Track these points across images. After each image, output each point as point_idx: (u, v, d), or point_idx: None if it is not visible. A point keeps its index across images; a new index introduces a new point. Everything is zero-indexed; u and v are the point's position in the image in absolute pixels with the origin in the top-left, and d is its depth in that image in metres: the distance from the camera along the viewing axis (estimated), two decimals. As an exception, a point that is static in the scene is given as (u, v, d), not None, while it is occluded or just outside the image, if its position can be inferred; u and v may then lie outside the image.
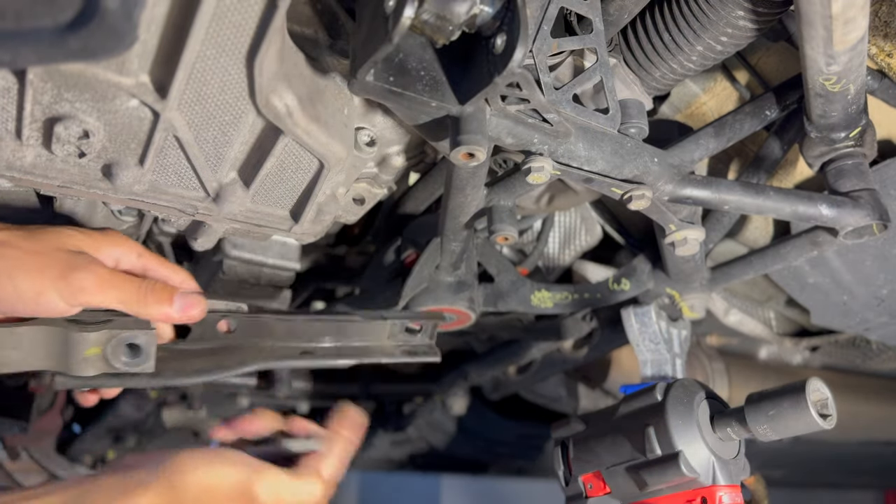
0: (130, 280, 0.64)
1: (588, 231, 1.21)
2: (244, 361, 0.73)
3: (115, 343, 0.63)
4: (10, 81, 0.54)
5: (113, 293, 0.62)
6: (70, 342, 0.62)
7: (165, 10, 0.49)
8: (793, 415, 0.65)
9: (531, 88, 0.57)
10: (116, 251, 0.66)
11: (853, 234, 0.76)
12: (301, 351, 0.77)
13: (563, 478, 0.81)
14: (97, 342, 0.63)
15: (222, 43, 0.52)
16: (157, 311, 0.65)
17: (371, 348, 0.81)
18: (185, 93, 0.55)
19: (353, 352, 0.80)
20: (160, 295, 0.65)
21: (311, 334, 0.78)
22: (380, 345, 0.83)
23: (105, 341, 0.63)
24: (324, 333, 0.79)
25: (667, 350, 0.96)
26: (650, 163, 0.70)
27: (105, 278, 0.62)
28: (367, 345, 0.81)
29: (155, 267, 0.69)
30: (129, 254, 0.67)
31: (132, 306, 0.63)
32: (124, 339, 0.64)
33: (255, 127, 0.61)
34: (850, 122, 0.71)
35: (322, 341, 0.78)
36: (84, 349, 0.62)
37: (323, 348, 0.78)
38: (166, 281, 0.70)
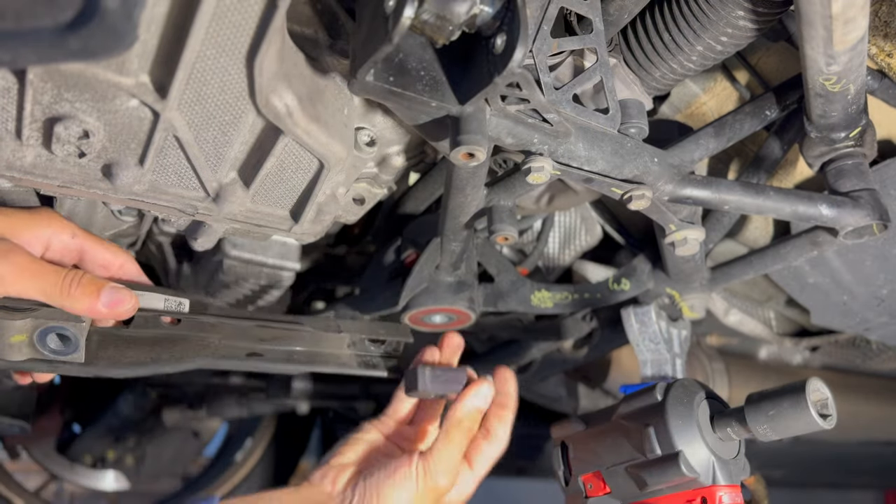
0: (54, 270, 0.60)
1: (588, 231, 1.21)
2: (183, 357, 0.69)
3: (41, 332, 0.61)
4: (10, 81, 0.54)
5: (33, 283, 0.59)
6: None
7: (165, 9, 0.49)
8: (793, 415, 0.65)
9: (531, 88, 0.57)
10: (46, 232, 0.63)
11: (853, 234, 0.76)
12: (248, 352, 0.73)
13: (563, 478, 0.81)
14: (21, 330, 0.60)
15: (222, 43, 0.52)
16: (81, 305, 0.60)
17: (324, 356, 0.77)
18: (185, 93, 0.55)
19: (304, 358, 0.76)
20: (86, 288, 0.61)
21: (262, 335, 0.75)
22: (335, 353, 0.78)
23: (30, 330, 0.61)
24: (277, 336, 0.75)
25: (667, 350, 0.96)
26: (650, 163, 0.70)
27: (24, 268, 0.59)
28: (321, 351, 0.77)
29: (91, 248, 0.66)
30: (60, 233, 0.64)
31: (55, 298, 0.60)
32: (51, 328, 0.61)
33: (255, 127, 0.61)
34: (850, 122, 0.71)
35: (273, 343, 0.74)
36: (9, 336, 0.60)
37: (273, 351, 0.74)
38: (105, 264, 0.67)
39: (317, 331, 0.76)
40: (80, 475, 1.91)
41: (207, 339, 0.72)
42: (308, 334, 0.76)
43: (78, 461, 1.90)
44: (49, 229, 0.63)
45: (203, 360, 0.70)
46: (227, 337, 0.72)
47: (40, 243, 0.63)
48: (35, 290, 0.59)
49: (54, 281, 0.60)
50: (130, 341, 0.69)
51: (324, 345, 0.77)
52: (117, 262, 0.67)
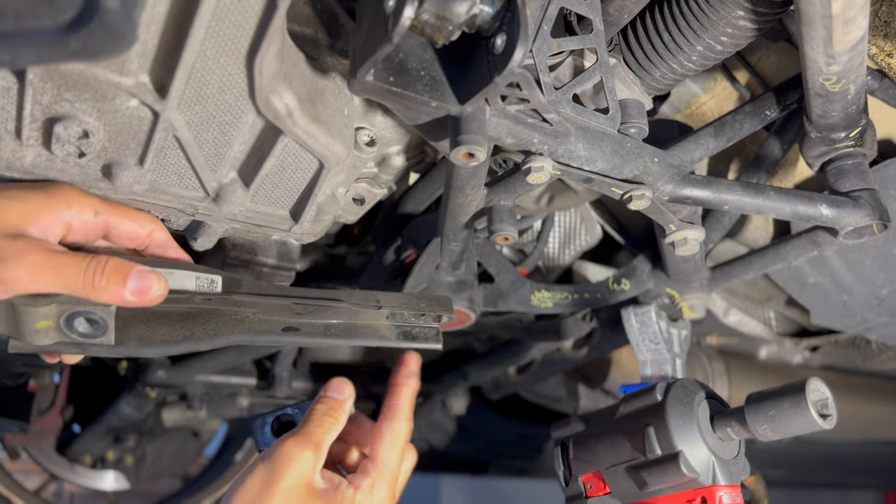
0: (74, 262, 0.57)
1: (588, 231, 1.21)
2: (218, 333, 0.67)
3: (68, 317, 0.59)
4: (10, 81, 0.54)
5: (52, 280, 0.56)
6: (18, 314, 0.58)
7: (165, 9, 0.49)
8: (793, 415, 0.65)
9: (531, 88, 0.57)
10: (66, 214, 0.59)
11: (853, 234, 0.77)
12: (285, 327, 0.70)
13: (563, 478, 0.81)
14: (47, 316, 0.58)
15: (222, 43, 0.52)
16: (107, 295, 0.57)
17: (363, 328, 0.74)
18: (185, 93, 0.55)
19: (342, 331, 0.73)
20: (111, 276, 0.57)
21: (298, 309, 0.72)
22: (374, 324, 0.75)
23: (56, 315, 0.59)
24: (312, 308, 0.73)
25: (667, 350, 0.96)
26: (650, 163, 0.70)
27: (41, 265, 0.55)
28: (358, 323, 0.74)
29: (117, 221, 0.62)
30: (83, 213, 0.60)
31: (79, 291, 0.57)
32: (78, 314, 0.59)
33: (255, 127, 0.61)
34: (850, 122, 0.71)
35: (310, 317, 0.72)
36: (34, 322, 0.58)
37: (310, 325, 0.71)
38: (132, 235, 0.64)
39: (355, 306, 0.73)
40: (80, 475, 1.91)
41: (242, 313, 0.69)
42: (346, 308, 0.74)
43: (78, 461, 1.90)
44: (70, 210, 0.59)
45: (239, 336, 0.67)
46: (263, 311, 0.69)
47: (60, 226, 0.59)
48: (56, 285, 0.56)
49: (75, 273, 0.56)
50: (161, 317, 0.66)
51: (362, 317, 0.74)
52: (144, 232, 0.64)
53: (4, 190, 0.58)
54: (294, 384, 1.79)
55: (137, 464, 1.96)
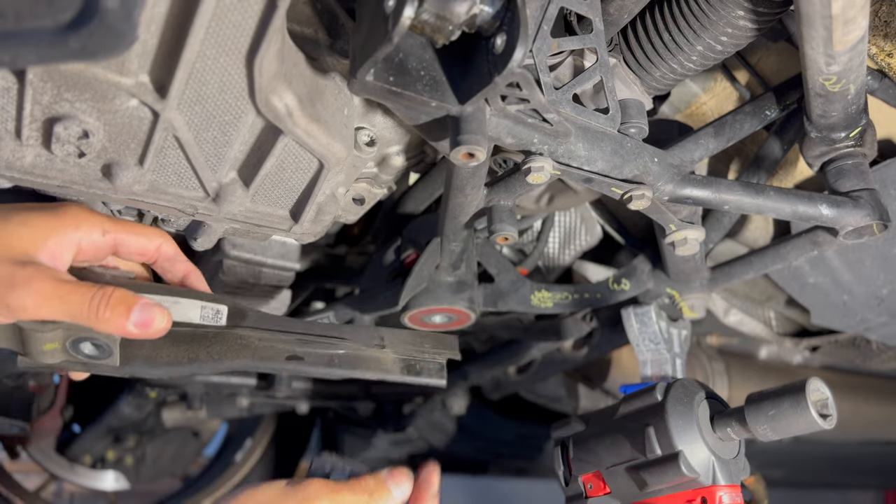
0: (80, 292, 0.57)
1: (588, 231, 1.21)
2: (222, 357, 0.68)
3: (74, 340, 0.60)
4: (10, 81, 0.54)
5: (59, 308, 0.56)
6: (26, 335, 0.59)
7: (165, 9, 0.49)
8: (793, 415, 0.65)
9: (531, 88, 0.57)
10: (75, 235, 0.60)
11: (853, 233, 0.76)
12: (289, 355, 0.71)
13: (563, 478, 0.81)
14: (55, 339, 0.59)
15: (222, 43, 0.52)
16: (111, 327, 0.58)
17: (368, 360, 0.75)
18: (185, 93, 0.55)
19: (347, 362, 0.73)
20: (115, 308, 0.58)
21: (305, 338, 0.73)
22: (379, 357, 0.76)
23: (63, 339, 0.60)
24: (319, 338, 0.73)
25: (667, 350, 0.96)
26: (650, 163, 0.70)
27: (48, 294, 0.56)
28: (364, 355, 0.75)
29: (125, 238, 0.63)
30: (91, 233, 0.61)
31: (83, 321, 0.57)
32: (83, 338, 0.60)
33: (255, 127, 0.61)
34: (850, 121, 0.71)
35: (315, 346, 0.73)
36: (41, 344, 0.59)
37: (314, 354, 0.72)
38: (140, 251, 0.65)
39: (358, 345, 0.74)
40: (80, 475, 1.91)
41: (247, 338, 0.70)
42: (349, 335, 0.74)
43: (78, 461, 1.90)
44: (78, 232, 0.60)
45: (242, 362, 0.68)
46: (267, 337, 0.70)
47: (69, 249, 0.60)
48: (61, 313, 0.57)
49: (80, 303, 0.57)
50: (166, 338, 0.66)
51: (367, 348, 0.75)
52: (153, 246, 0.65)
53: (13, 214, 0.58)
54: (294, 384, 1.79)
55: (137, 464, 1.96)
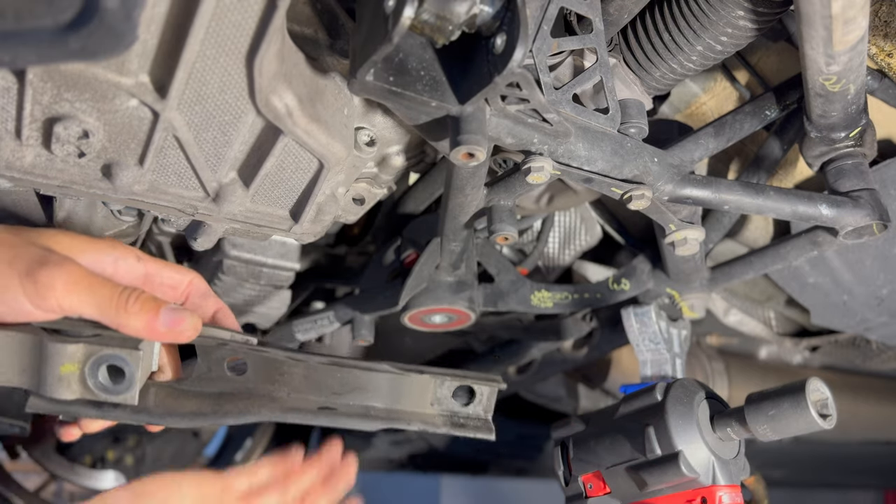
0: (110, 284, 0.56)
1: (588, 231, 1.21)
2: (248, 410, 0.63)
3: (94, 361, 0.56)
4: (10, 81, 0.54)
5: (87, 296, 0.54)
6: (45, 353, 0.55)
7: (165, 9, 0.49)
8: (793, 415, 0.65)
9: (531, 88, 0.57)
10: (110, 256, 0.60)
11: (853, 233, 0.76)
12: (320, 406, 0.65)
13: (563, 478, 0.81)
14: (74, 357, 0.55)
15: (222, 43, 0.52)
16: (138, 323, 0.55)
17: (407, 413, 0.68)
18: (185, 93, 0.55)
19: (383, 414, 0.67)
20: (145, 304, 0.56)
21: (335, 386, 0.67)
22: (419, 411, 0.69)
23: (84, 358, 0.56)
24: (351, 386, 0.67)
25: (667, 350, 0.96)
26: (650, 163, 0.70)
27: (79, 279, 0.54)
28: (402, 408, 0.68)
29: (157, 269, 0.63)
30: (127, 257, 0.61)
31: (110, 314, 0.55)
32: (105, 357, 0.56)
33: (255, 127, 0.61)
34: (849, 121, 0.71)
35: (347, 397, 0.67)
36: (59, 363, 0.55)
37: (347, 406, 0.66)
38: (173, 284, 0.64)
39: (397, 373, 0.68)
40: (80, 475, 1.91)
41: (275, 392, 0.65)
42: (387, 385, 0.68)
43: (78, 461, 1.90)
44: (114, 252, 0.60)
45: (269, 414, 0.64)
46: (297, 389, 0.65)
47: (104, 268, 0.59)
48: (88, 303, 0.54)
49: (109, 295, 0.55)
50: (189, 394, 0.63)
51: (405, 400, 0.69)
52: (185, 280, 0.64)
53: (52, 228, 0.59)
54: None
55: (137, 464, 1.96)
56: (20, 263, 0.53)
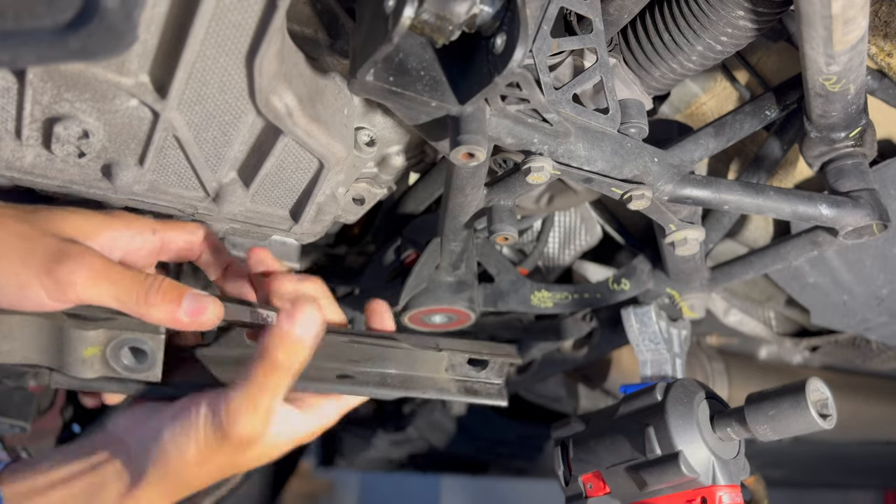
0: (130, 276, 0.55)
1: (588, 231, 1.21)
2: None
3: (115, 345, 0.57)
4: (10, 81, 0.54)
5: (108, 290, 0.53)
6: (66, 339, 0.56)
7: (165, 9, 0.49)
8: (793, 415, 0.65)
9: (531, 88, 0.57)
10: (125, 234, 0.58)
11: (853, 233, 0.76)
12: (339, 374, 0.66)
13: (563, 478, 0.81)
14: (96, 342, 0.56)
15: (222, 43, 0.52)
16: (160, 313, 0.55)
17: (422, 380, 0.69)
18: (185, 93, 0.56)
19: (398, 381, 0.68)
20: (167, 294, 0.55)
21: (351, 355, 0.67)
22: (433, 377, 0.70)
23: (105, 342, 0.56)
24: (367, 356, 0.68)
25: (667, 350, 0.96)
26: (650, 163, 0.70)
27: (99, 272, 0.53)
28: (417, 375, 0.69)
29: (171, 236, 0.61)
30: (143, 232, 0.60)
31: (132, 306, 0.54)
32: (126, 341, 0.57)
33: (255, 127, 0.61)
34: (849, 121, 0.71)
35: (364, 365, 0.67)
36: (82, 349, 0.56)
37: (365, 373, 0.67)
38: (187, 246, 0.63)
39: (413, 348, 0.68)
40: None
41: None
42: (403, 354, 0.68)
43: (78, 461, 1.90)
44: (129, 231, 0.59)
45: None
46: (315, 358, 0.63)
47: (119, 246, 0.58)
48: (110, 296, 0.54)
49: (131, 287, 0.54)
50: (212, 363, 0.63)
51: (420, 367, 0.69)
52: (198, 239, 0.63)
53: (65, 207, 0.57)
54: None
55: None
56: (36, 260, 0.52)
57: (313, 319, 0.56)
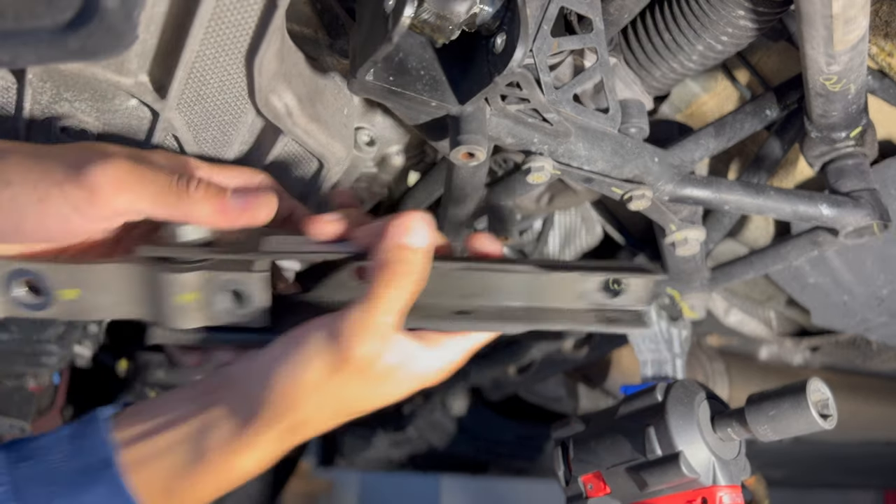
0: (163, 172, 0.49)
1: (588, 231, 1.21)
2: None
3: (213, 288, 0.51)
4: (10, 81, 0.54)
5: (141, 189, 0.47)
6: (159, 284, 0.51)
7: (164, 9, 0.49)
8: (793, 415, 0.65)
9: (531, 88, 0.57)
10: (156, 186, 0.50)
11: (854, 234, 0.76)
12: (456, 310, 0.58)
13: (564, 478, 0.81)
14: (192, 286, 0.51)
15: (222, 42, 0.52)
16: (206, 208, 0.49)
17: (551, 311, 0.59)
18: (185, 93, 0.55)
19: (525, 314, 0.59)
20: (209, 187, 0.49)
21: (469, 288, 0.59)
22: (564, 307, 0.60)
23: (201, 286, 0.51)
24: (486, 288, 0.59)
25: (667, 350, 0.96)
26: (651, 162, 0.70)
27: (127, 171, 0.47)
28: (545, 305, 0.59)
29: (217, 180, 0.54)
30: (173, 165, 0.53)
31: (172, 204, 0.48)
32: (225, 283, 0.51)
33: (255, 127, 0.61)
34: (850, 121, 0.71)
35: (483, 298, 0.59)
36: (175, 293, 0.51)
37: (485, 309, 0.59)
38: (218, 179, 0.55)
39: (538, 271, 0.59)
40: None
41: None
42: (525, 281, 0.59)
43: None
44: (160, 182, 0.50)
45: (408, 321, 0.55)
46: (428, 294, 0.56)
47: None
48: (145, 198, 0.48)
49: (167, 182, 0.48)
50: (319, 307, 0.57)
51: (546, 296, 0.60)
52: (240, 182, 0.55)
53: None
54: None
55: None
56: (56, 171, 0.46)
57: (424, 228, 0.52)
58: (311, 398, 0.51)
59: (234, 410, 0.51)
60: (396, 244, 0.51)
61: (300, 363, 0.50)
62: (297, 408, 0.51)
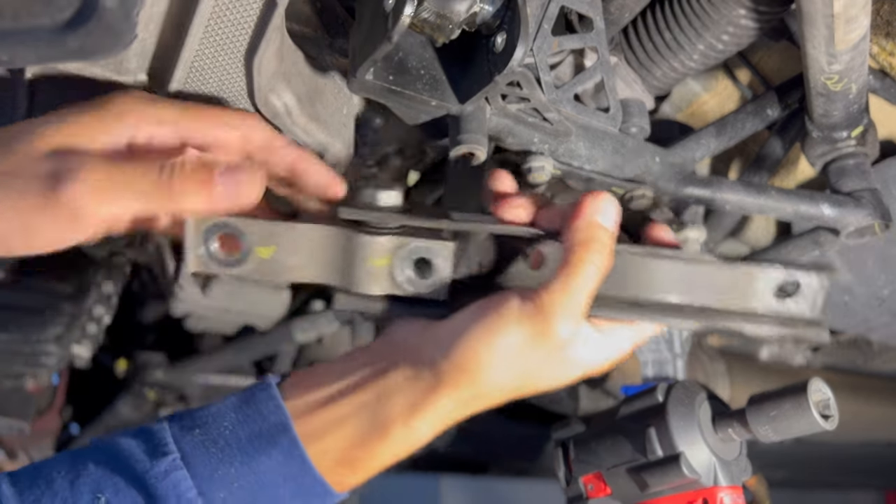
0: (142, 167, 0.45)
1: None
2: None
3: (404, 254, 0.52)
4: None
5: (126, 192, 0.44)
6: (355, 247, 0.51)
7: (164, 8, 0.49)
8: (794, 415, 0.64)
9: (531, 87, 0.57)
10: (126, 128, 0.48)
11: (855, 233, 0.76)
12: (630, 302, 0.56)
13: (564, 479, 0.80)
14: (386, 250, 0.51)
15: (221, 41, 0.52)
16: (194, 201, 0.46)
17: (732, 312, 0.56)
18: (184, 92, 0.55)
19: (700, 311, 0.56)
20: (195, 174, 0.46)
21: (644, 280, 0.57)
22: (745, 307, 0.56)
23: (393, 251, 0.51)
24: (660, 279, 0.56)
25: (668, 350, 0.95)
26: (651, 162, 0.69)
27: (104, 177, 0.44)
28: (724, 308, 0.56)
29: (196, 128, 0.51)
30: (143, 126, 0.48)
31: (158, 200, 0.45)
32: (416, 250, 0.51)
33: (255, 126, 0.61)
34: (851, 121, 0.71)
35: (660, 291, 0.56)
36: (369, 256, 0.51)
37: (661, 304, 0.56)
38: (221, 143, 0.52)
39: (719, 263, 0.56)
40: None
41: None
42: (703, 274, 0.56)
43: (78, 461, 1.89)
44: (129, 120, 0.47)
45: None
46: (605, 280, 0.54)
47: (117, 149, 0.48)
48: (129, 198, 0.44)
49: (151, 178, 0.45)
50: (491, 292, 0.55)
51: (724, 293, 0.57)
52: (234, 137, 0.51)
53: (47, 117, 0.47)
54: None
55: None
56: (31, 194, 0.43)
57: (615, 208, 0.51)
58: (502, 366, 0.50)
59: (416, 375, 0.50)
60: (592, 222, 0.51)
61: (498, 330, 0.49)
62: (486, 374, 0.50)
